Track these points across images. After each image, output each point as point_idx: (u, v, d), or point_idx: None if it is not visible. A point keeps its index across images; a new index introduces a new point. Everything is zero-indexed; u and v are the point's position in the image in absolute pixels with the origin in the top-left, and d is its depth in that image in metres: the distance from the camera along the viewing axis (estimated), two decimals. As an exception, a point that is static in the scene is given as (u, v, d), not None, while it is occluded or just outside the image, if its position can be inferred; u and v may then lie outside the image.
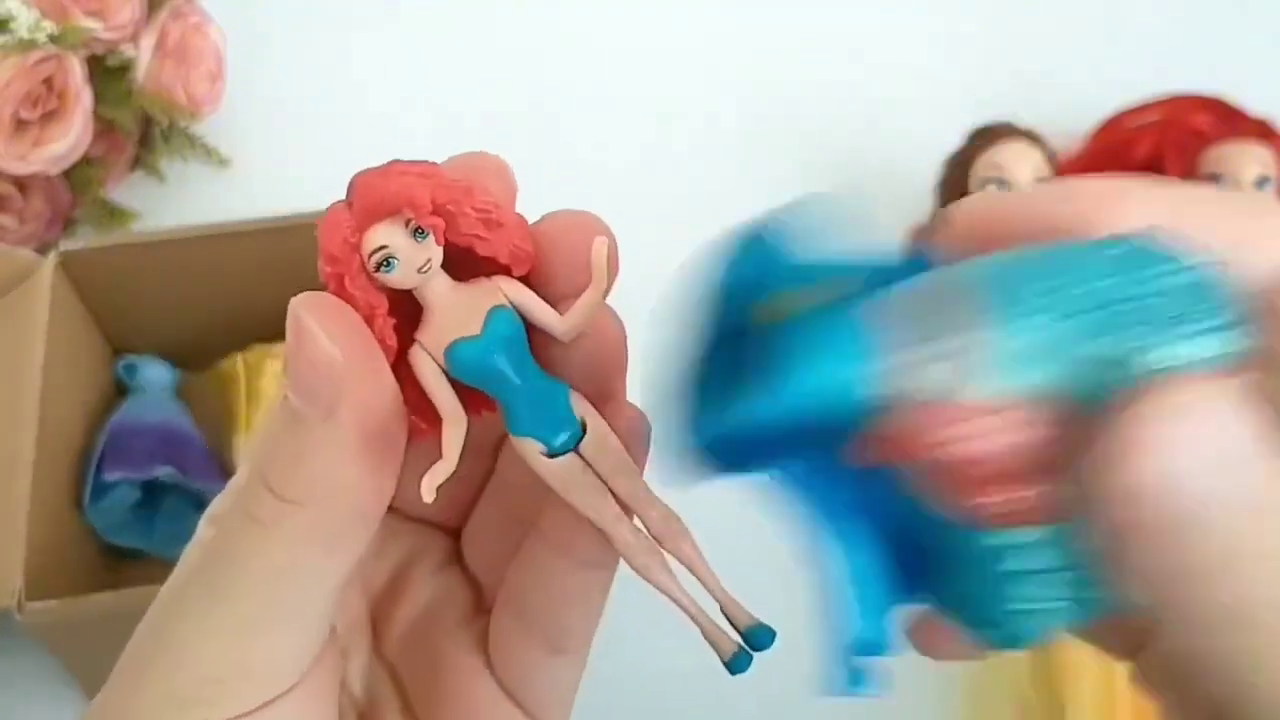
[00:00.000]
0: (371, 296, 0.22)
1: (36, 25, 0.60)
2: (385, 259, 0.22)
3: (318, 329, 0.21)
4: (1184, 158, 0.66)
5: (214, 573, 0.23)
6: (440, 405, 0.23)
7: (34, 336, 0.52)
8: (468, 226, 0.22)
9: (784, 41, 0.80)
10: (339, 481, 0.22)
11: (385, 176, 0.22)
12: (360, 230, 0.22)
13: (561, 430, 0.23)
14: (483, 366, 0.23)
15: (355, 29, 0.79)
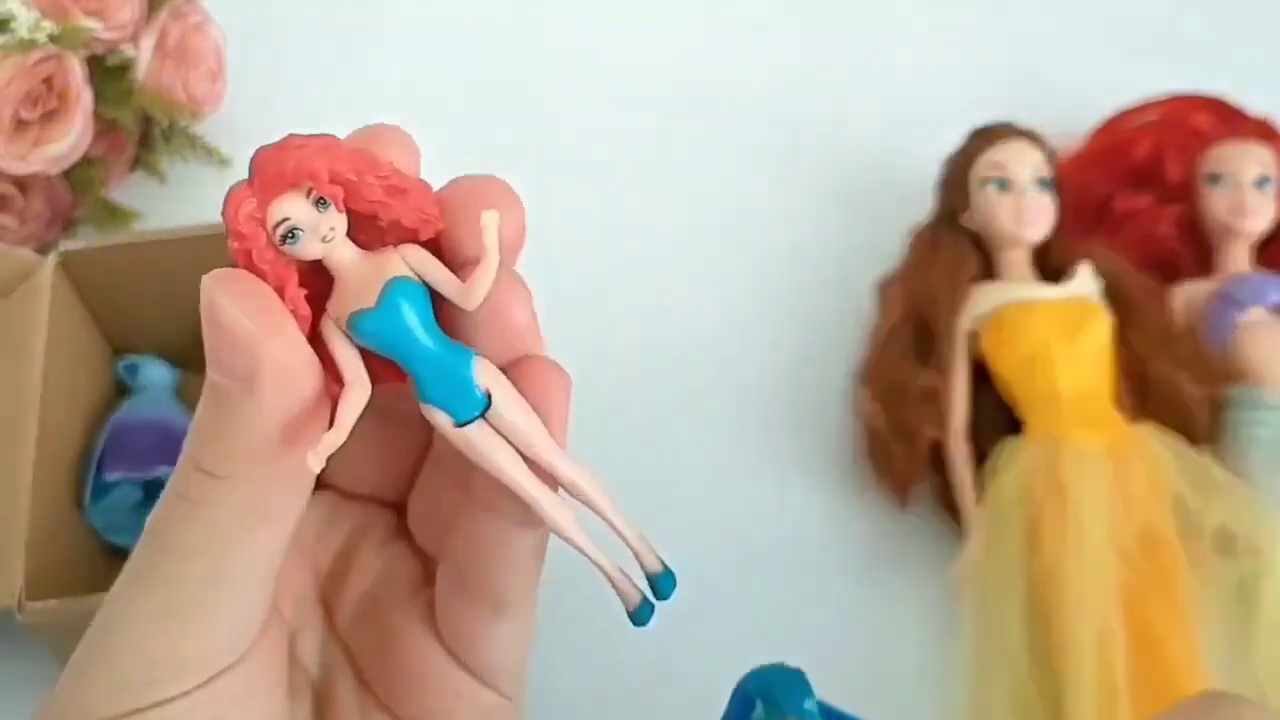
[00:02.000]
0: (280, 268, 0.22)
1: (36, 25, 0.60)
2: (289, 230, 0.22)
3: (229, 302, 0.22)
4: (1184, 158, 0.67)
5: (146, 556, 0.24)
6: (344, 372, 0.23)
7: (34, 336, 0.52)
8: (369, 194, 0.23)
9: (783, 41, 0.80)
10: (263, 452, 0.22)
11: (283, 150, 0.23)
12: (263, 205, 0.22)
13: (465, 401, 0.23)
14: (381, 337, 0.23)
15: (355, 29, 0.79)
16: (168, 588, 0.23)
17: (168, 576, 0.23)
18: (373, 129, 0.25)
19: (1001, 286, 0.61)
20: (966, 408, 0.60)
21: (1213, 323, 0.62)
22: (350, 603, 0.28)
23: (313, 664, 0.28)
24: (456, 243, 0.24)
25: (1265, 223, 0.63)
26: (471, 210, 0.24)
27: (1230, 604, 0.55)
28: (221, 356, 0.22)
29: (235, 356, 0.22)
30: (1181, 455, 0.58)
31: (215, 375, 0.22)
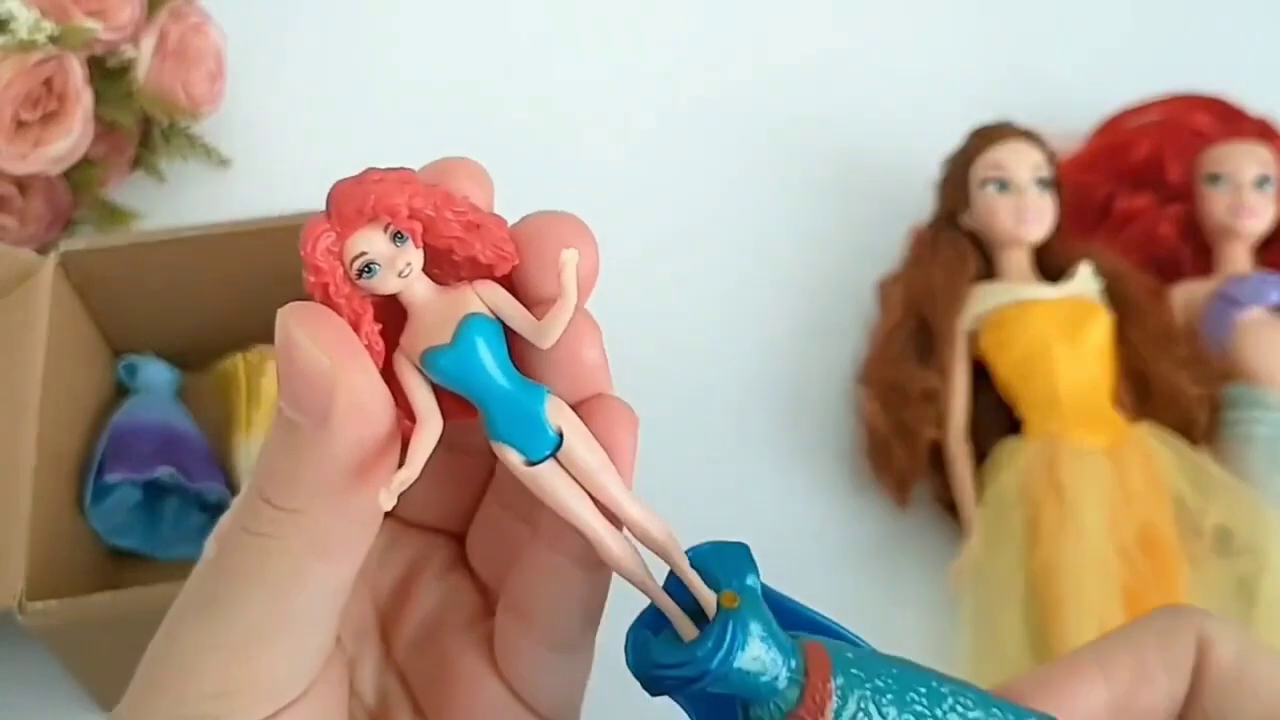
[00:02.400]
0: (356, 303, 0.22)
1: (36, 26, 0.60)
2: (366, 265, 0.22)
3: (305, 337, 0.22)
4: (1184, 158, 0.67)
5: (215, 587, 0.23)
6: (415, 409, 0.23)
7: (34, 336, 0.52)
8: (446, 229, 0.23)
9: (783, 41, 0.80)
10: (334, 488, 0.22)
11: (361, 184, 0.22)
12: (341, 239, 0.22)
13: (536, 440, 0.23)
14: (455, 375, 0.23)
15: (355, 29, 0.79)
16: (232, 619, 0.23)
17: (231, 606, 0.23)
18: (447, 162, 0.25)
19: (1001, 286, 0.61)
20: (966, 407, 0.60)
21: (1212, 322, 0.62)
22: (408, 631, 0.28)
23: (369, 692, 0.27)
24: (531, 280, 0.24)
25: (1265, 223, 0.63)
26: (546, 247, 0.23)
27: (1229, 602, 0.55)
28: (295, 391, 0.22)
29: (309, 392, 0.22)
30: (1181, 454, 0.58)
31: (288, 409, 0.22)
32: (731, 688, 0.22)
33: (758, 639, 0.22)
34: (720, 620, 0.22)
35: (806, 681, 0.22)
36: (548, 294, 0.24)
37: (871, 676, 0.23)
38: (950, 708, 0.23)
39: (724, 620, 0.22)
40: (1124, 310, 0.61)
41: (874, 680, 0.23)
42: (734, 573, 0.23)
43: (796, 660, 0.23)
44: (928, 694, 0.23)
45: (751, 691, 0.23)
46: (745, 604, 0.23)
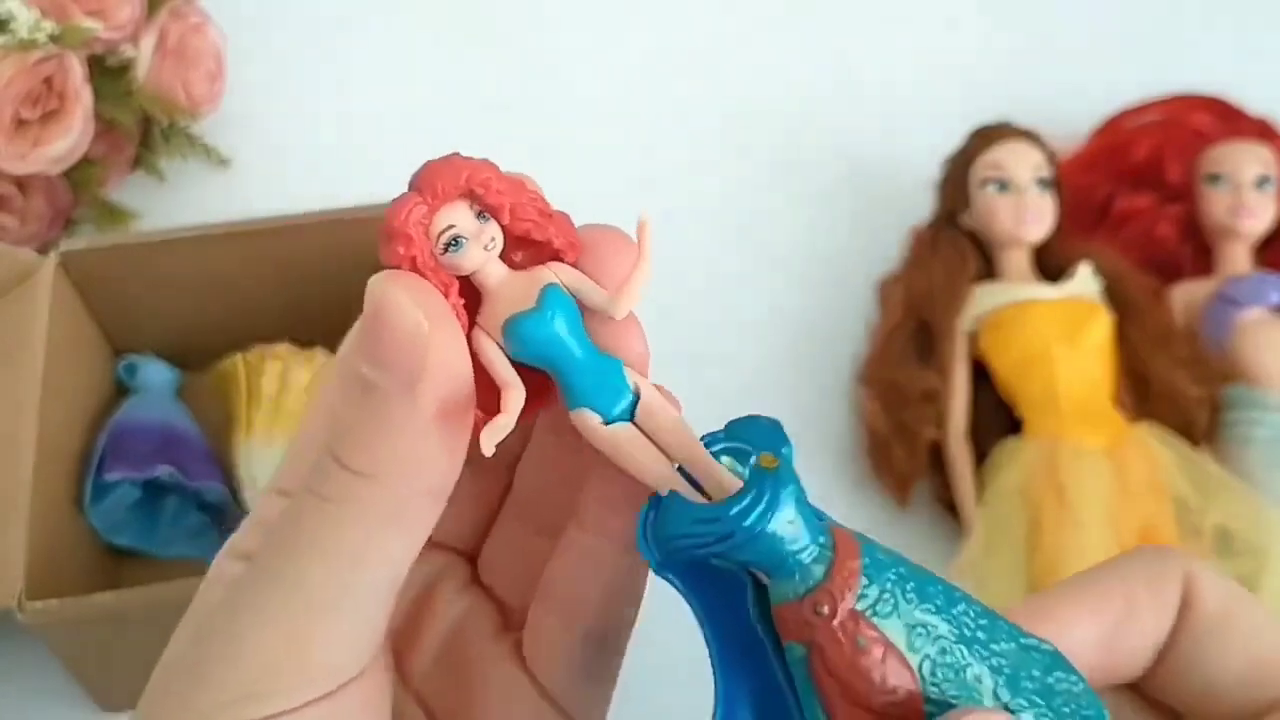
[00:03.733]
0: (443, 275, 0.23)
1: (36, 25, 0.60)
2: (454, 238, 0.23)
3: (406, 298, 0.22)
4: (1184, 158, 0.67)
5: (276, 556, 0.23)
6: (500, 376, 0.23)
7: (34, 336, 0.52)
8: (525, 213, 0.23)
9: (783, 41, 0.80)
10: (416, 455, 0.22)
11: (452, 163, 0.23)
12: (432, 211, 0.23)
13: (619, 398, 0.24)
14: (541, 339, 0.23)
15: (355, 29, 0.79)
16: (303, 591, 0.22)
17: (302, 579, 0.22)
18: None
19: (1001, 286, 0.61)
20: (966, 408, 0.60)
21: (1211, 323, 0.62)
22: (428, 651, 0.27)
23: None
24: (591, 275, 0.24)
25: (1265, 223, 0.63)
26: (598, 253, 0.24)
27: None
28: (386, 352, 0.22)
29: (402, 354, 0.22)
30: (1181, 455, 0.58)
31: (371, 371, 0.22)
32: (758, 554, 0.22)
33: (792, 505, 0.22)
34: (757, 478, 0.22)
35: (834, 558, 0.22)
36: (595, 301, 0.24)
37: (895, 566, 0.23)
38: (963, 612, 0.23)
39: (761, 479, 0.22)
40: (1124, 310, 0.61)
41: (898, 568, 0.23)
42: (770, 443, 0.23)
43: (826, 538, 0.22)
44: (944, 593, 0.23)
45: (778, 562, 0.22)
46: (783, 469, 0.22)
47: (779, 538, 0.22)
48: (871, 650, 0.22)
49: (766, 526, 0.22)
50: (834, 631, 0.22)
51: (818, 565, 0.22)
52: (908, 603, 0.22)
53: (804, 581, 0.22)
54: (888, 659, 0.22)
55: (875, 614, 0.22)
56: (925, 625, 0.22)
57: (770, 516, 0.22)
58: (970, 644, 0.22)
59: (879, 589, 0.22)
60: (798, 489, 0.22)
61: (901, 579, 0.22)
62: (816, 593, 0.22)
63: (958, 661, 0.22)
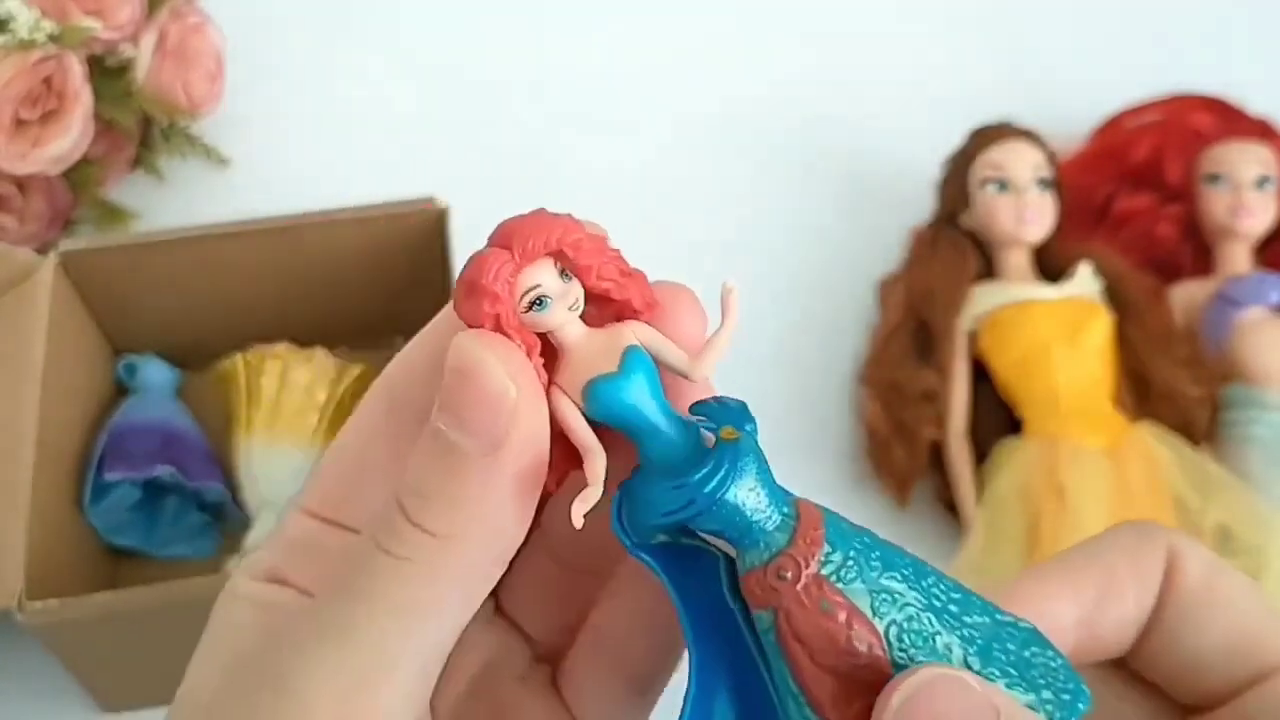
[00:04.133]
0: (526, 336, 0.23)
1: (36, 25, 0.60)
2: (538, 298, 0.22)
3: (495, 361, 0.22)
4: (1184, 158, 0.67)
5: (340, 606, 0.22)
6: (581, 441, 0.23)
7: (34, 336, 0.52)
8: (608, 273, 0.23)
9: (783, 41, 0.80)
10: (493, 520, 0.22)
11: (540, 221, 0.23)
12: (518, 269, 0.22)
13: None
14: (624, 403, 0.23)
15: (355, 29, 0.79)
16: (367, 647, 0.22)
17: (366, 634, 0.22)
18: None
19: (1001, 286, 0.61)
20: (966, 407, 0.60)
21: (1211, 322, 0.62)
22: (456, 689, 0.27)
23: None
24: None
25: (1264, 223, 0.63)
26: (673, 309, 0.24)
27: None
28: (471, 414, 0.22)
29: (488, 417, 0.22)
30: (1181, 454, 0.58)
31: (455, 432, 0.22)
32: (722, 522, 0.22)
33: (753, 475, 0.22)
34: (718, 449, 0.22)
35: (797, 525, 0.23)
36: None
37: (860, 536, 0.23)
38: (933, 584, 0.23)
39: (721, 449, 0.22)
40: (1124, 310, 0.61)
41: (862, 538, 0.23)
42: (735, 420, 0.23)
43: (789, 508, 0.23)
44: (913, 566, 0.23)
45: (742, 530, 0.22)
46: (745, 441, 0.23)
47: (741, 506, 0.22)
48: (836, 614, 0.22)
49: (727, 494, 0.22)
50: (798, 595, 0.22)
51: (781, 533, 0.23)
52: (872, 570, 0.23)
53: (768, 549, 0.22)
54: (853, 623, 0.22)
55: (839, 579, 0.22)
56: (891, 592, 0.22)
57: (730, 484, 0.22)
58: (940, 614, 0.23)
59: (843, 555, 0.22)
60: (759, 460, 0.23)
61: (866, 548, 0.23)
62: (780, 559, 0.22)
63: (926, 629, 0.22)
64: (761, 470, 0.23)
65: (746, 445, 0.23)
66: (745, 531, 0.23)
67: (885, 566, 0.23)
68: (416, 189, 0.58)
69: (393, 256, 0.59)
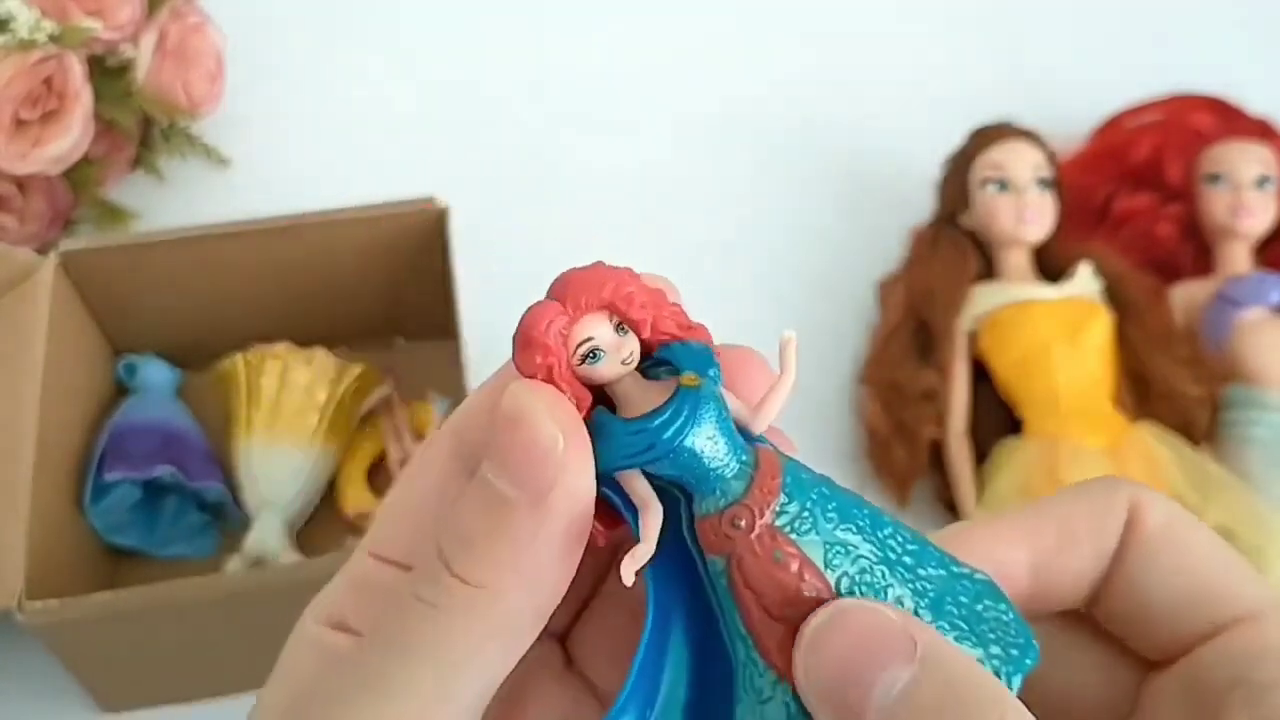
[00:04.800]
0: (578, 389, 0.23)
1: (36, 25, 0.60)
2: (592, 350, 0.22)
3: (545, 412, 0.22)
4: (1184, 158, 0.67)
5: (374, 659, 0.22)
6: (638, 494, 0.23)
7: (34, 336, 0.52)
8: (665, 327, 0.23)
9: (783, 41, 0.80)
10: (535, 572, 0.22)
11: (597, 274, 0.23)
12: (572, 322, 0.22)
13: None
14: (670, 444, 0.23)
15: (355, 29, 0.80)
16: (400, 698, 0.22)
17: (404, 685, 0.22)
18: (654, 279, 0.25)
19: (1001, 286, 0.61)
20: (966, 407, 0.60)
21: (1211, 322, 0.62)
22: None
23: None
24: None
25: (1265, 223, 0.63)
26: (739, 367, 0.24)
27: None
28: (519, 465, 0.22)
29: (535, 469, 0.21)
30: (1181, 454, 0.58)
31: (501, 481, 0.22)
32: (680, 468, 0.23)
33: (712, 422, 0.23)
34: (678, 396, 0.23)
35: (755, 475, 0.23)
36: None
37: (818, 486, 0.23)
38: (890, 535, 0.23)
39: (682, 396, 0.23)
40: (1124, 310, 0.61)
41: (820, 489, 0.23)
42: (698, 365, 0.23)
43: (748, 456, 0.23)
44: (871, 518, 0.23)
45: (700, 476, 0.23)
46: (706, 388, 0.23)
47: (699, 452, 0.22)
48: (788, 564, 0.22)
49: (685, 440, 0.22)
50: (752, 545, 0.22)
51: (738, 481, 0.23)
52: (828, 522, 0.23)
53: (724, 496, 0.23)
54: (804, 573, 0.22)
55: (793, 530, 0.22)
56: (845, 545, 0.23)
57: (688, 430, 0.22)
58: (894, 566, 0.23)
59: (799, 506, 0.23)
60: (719, 408, 0.23)
61: (824, 499, 0.23)
62: (735, 507, 0.22)
63: (878, 582, 0.23)
64: (721, 418, 0.23)
65: (707, 392, 0.23)
66: (703, 479, 0.23)
67: (841, 518, 0.23)
68: (416, 189, 0.58)
69: (393, 256, 0.59)
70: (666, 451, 0.22)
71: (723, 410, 0.23)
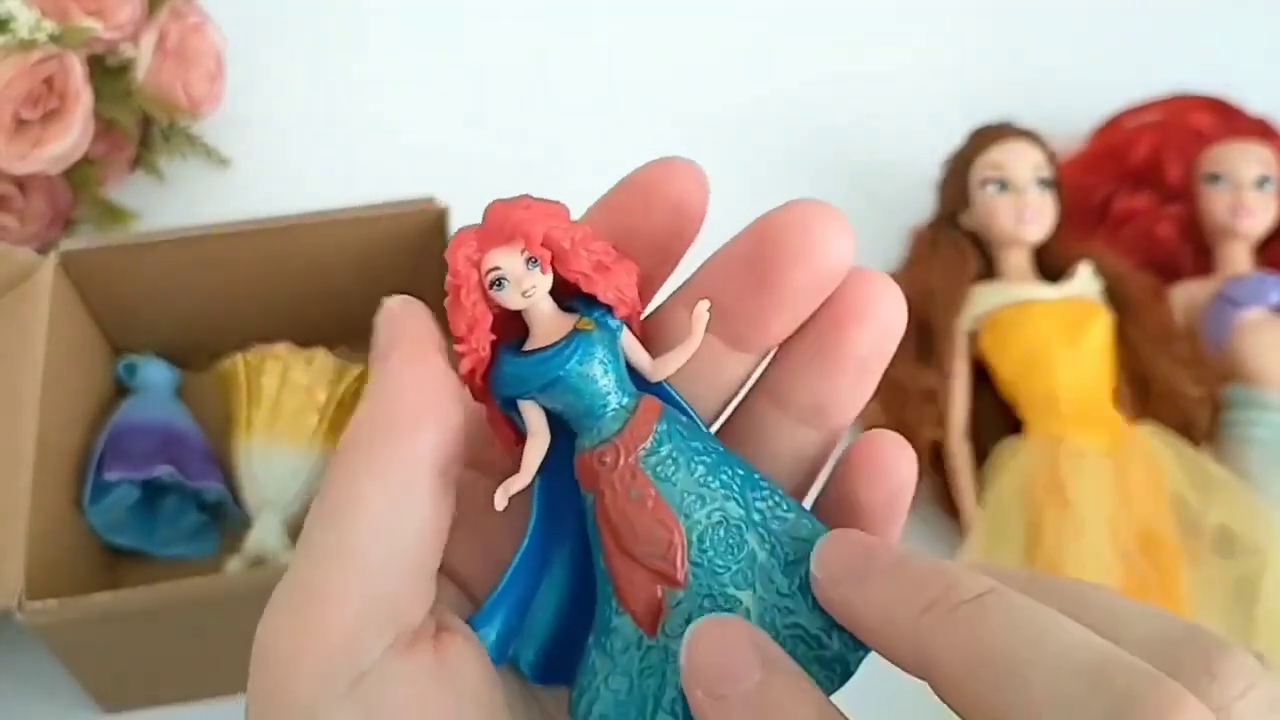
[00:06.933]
0: (479, 310, 0.25)
1: (37, 25, 0.60)
2: (497, 279, 0.24)
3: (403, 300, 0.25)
4: (1184, 158, 0.67)
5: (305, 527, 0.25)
6: (529, 424, 0.25)
7: (34, 336, 0.52)
8: (576, 264, 0.25)
9: (784, 41, 0.80)
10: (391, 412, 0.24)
11: (511, 208, 0.25)
12: (479, 250, 0.24)
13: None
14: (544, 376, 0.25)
15: (355, 29, 0.79)
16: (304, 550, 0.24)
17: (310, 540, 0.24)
18: (666, 162, 0.28)
19: (1001, 286, 0.61)
20: (966, 408, 0.60)
21: (1212, 322, 0.62)
22: None
23: None
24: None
25: (1265, 223, 0.63)
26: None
27: (1230, 602, 0.55)
28: (380, 330, 0.25)
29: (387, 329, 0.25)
30: (1181, 454, 0.58)
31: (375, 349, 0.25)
32: (562, 403, 0.24)
33: (598, 362, 0.24)
34: (570, 336, 0.24)
35: (631, 418, 0.24)
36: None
37: (695, 439, 0.25)
38: (763, 499, 0.24)
39: (574, 335, 0.24)
40: (1124, 310, 0.61)
41: (694, 442, 0.24)
42: (598, 317, 0.25)
43: (630, 399, 0.25)
44: (744, 477, 0.25)
45: (581, 413, 0.24)
46: (597, 332, 0.24)
47: (579, 389, 0.24)
48: (643, 503, 0.24)
49: (567, 374, 0.24)
50: (613, 480, 0.24)
51: (615, 421, 0.24)
52: (694, 471, 0.24)
53: (599, 434, 0.24)
54: (658, 515, 0.24)
55: (655, 474, 0.24)
56: (707, 496, 0.24)
57: (571, 364, 0.24)
58: (754, 527, 0.24)
59: (669, 450, 0.24)
60: (609, 352, 0.24)
61: (696, 452, 0.24)
62: (606, 445, 0.24)
63: (732, 538, 0.24)
64: (610, 361, 0.24)
65: (599, 336, 0.24)
66: (584, 415, 0.24)
67: (711, 471, 0.24)
68: (416, 189, 0.58)
69: (393, 256, 0.59)
70: (543, 385, 0.24)
71: (611, 355, 0.25)
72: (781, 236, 0.27)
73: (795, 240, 0.27)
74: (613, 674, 0.24)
